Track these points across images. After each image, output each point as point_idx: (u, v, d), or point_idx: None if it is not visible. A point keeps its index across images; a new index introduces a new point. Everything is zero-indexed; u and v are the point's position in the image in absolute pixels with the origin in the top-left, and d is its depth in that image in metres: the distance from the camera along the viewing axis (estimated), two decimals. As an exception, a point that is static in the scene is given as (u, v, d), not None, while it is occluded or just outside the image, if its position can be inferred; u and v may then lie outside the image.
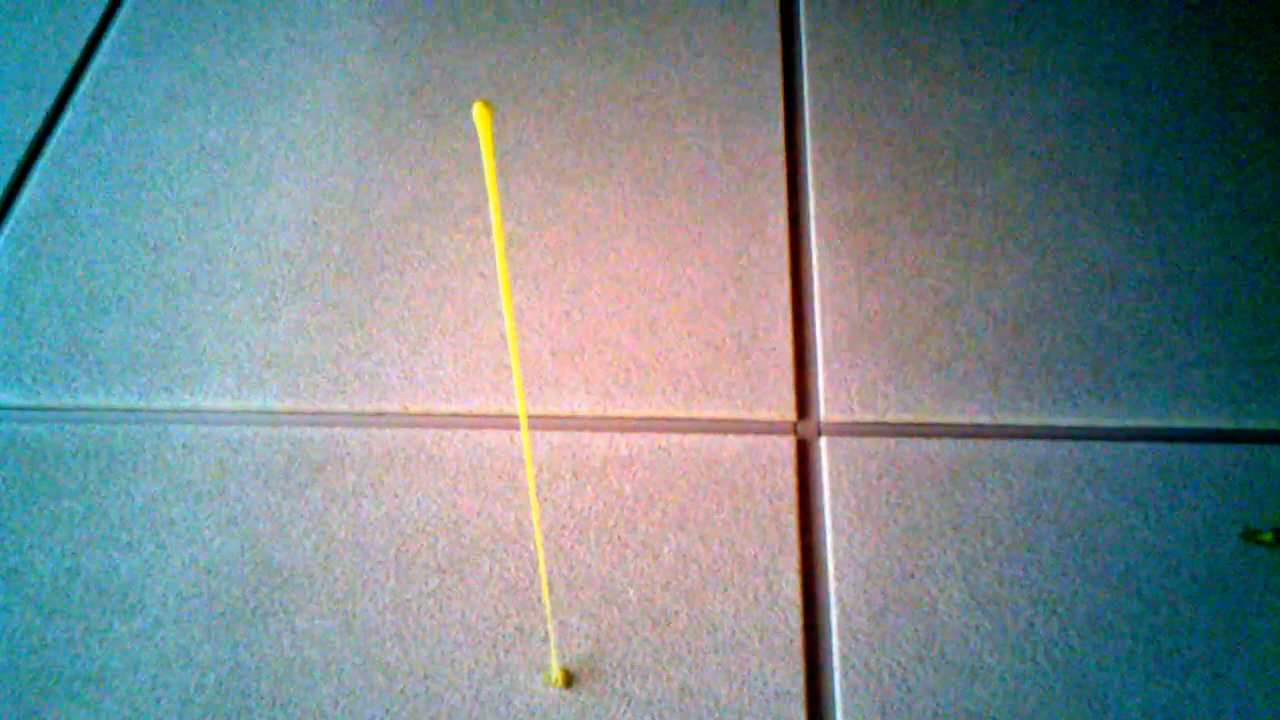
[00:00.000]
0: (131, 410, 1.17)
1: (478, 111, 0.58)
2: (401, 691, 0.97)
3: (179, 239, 1.31)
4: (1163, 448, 1.11)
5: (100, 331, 1.23)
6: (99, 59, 1.53)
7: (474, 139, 1.31)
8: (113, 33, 1.56)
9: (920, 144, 1.37)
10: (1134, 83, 1.43)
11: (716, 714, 0.95)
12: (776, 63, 1.46)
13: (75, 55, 1.55)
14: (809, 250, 1.28)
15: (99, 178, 1.38)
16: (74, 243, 1.31)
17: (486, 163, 0.59)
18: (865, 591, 1.02)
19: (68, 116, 1.46)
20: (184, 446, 1.14)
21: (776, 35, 1.49)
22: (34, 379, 1.20)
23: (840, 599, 1.02)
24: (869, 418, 1.15)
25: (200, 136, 1.42)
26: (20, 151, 1.42)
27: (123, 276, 1.28)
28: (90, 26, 1.58)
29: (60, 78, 1.52)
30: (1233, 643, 0.99)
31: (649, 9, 1.54)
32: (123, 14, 1.58)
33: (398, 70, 1.49)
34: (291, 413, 1.17)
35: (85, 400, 1.18)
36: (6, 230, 1.33)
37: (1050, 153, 1.36)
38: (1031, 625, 1.00)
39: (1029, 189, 1.33)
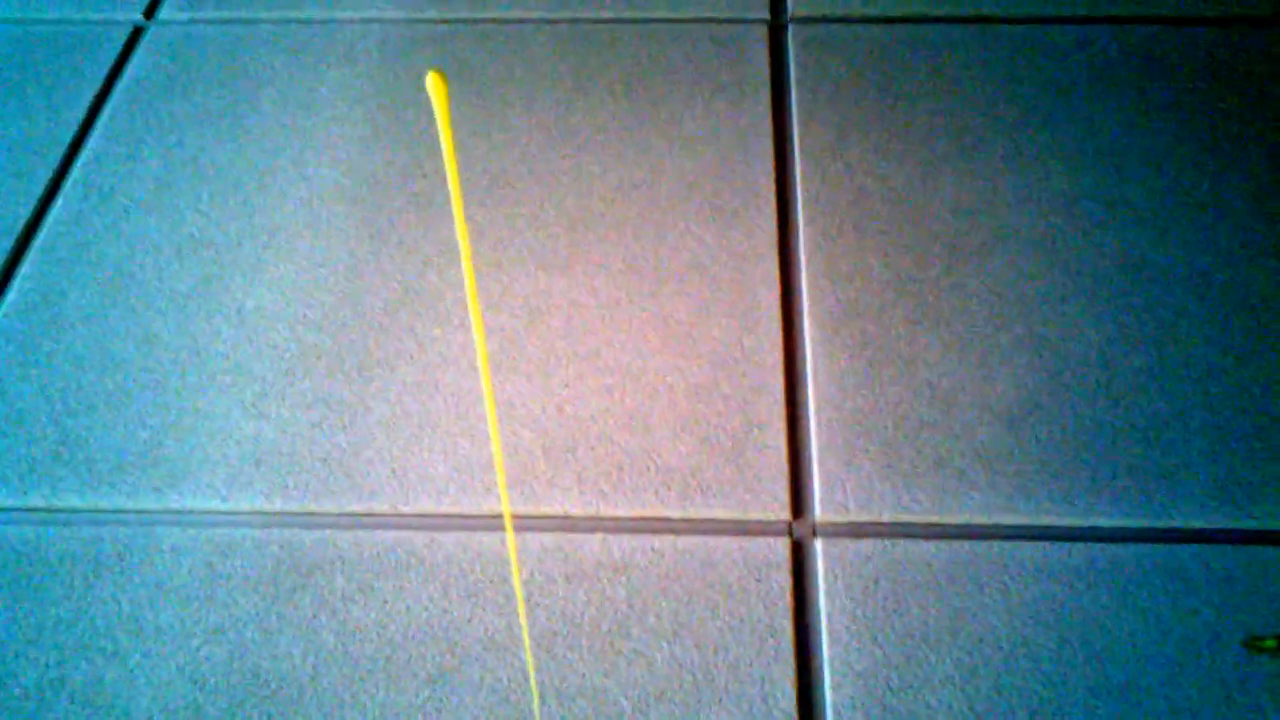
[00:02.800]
0: (119, 512, 1.16)
1: (432, 82, 0.54)
2: (390, 811, 0.95)
3: (168, 332, 1.30)
4: (1162, 549, 1.10)
5: (89, 429, 1.22)
6: (90, 145, 1.53)
7: (470, 232, 1.30)
8: (104, 118, 1.56)
9: (914, 232, 1.37)
10: (1129, 167, 1.42)
11: (712, 835, 0.93)
12: (769, 150, 1.46)
13: (67, 141, 1.55)
14: (803, 343, 1.27)
15: (89, 268, 1.37)
16: (62, 336, 1.30)
17: (444, 138, 0.56)
18: (863, 704, 1.01)
19: (58, 205, 1.45)
20: (172, 549, 1.13)
21: (768, 122, 1.49)
22: (20, 479, 1.19)
23: (837, 712, 1.00)
24: (864, 518, 1.13)
25: (191, 225, 1.42)
26: (9, 241, 1.41)
27: (111, 372, 1.27)
28: (81, 113, 1.58)
29: (52, 164, 1.51)
30: (1236, 756, 0.97)
31: (641, 95, 1.54)
32: (113, 99, 1.58)
33: (388, 158, 1.49)
34: (281, 514, 1.15)
35: (73, 501, 1.17)
36: (-5, 323, 1.32)
37: (1045, 239, 1.36)
38: (1031, 739, 0.98)
39: (1024, 277, 1.32)
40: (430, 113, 1.51)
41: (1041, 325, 1.27)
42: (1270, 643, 1.02)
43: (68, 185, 1.48)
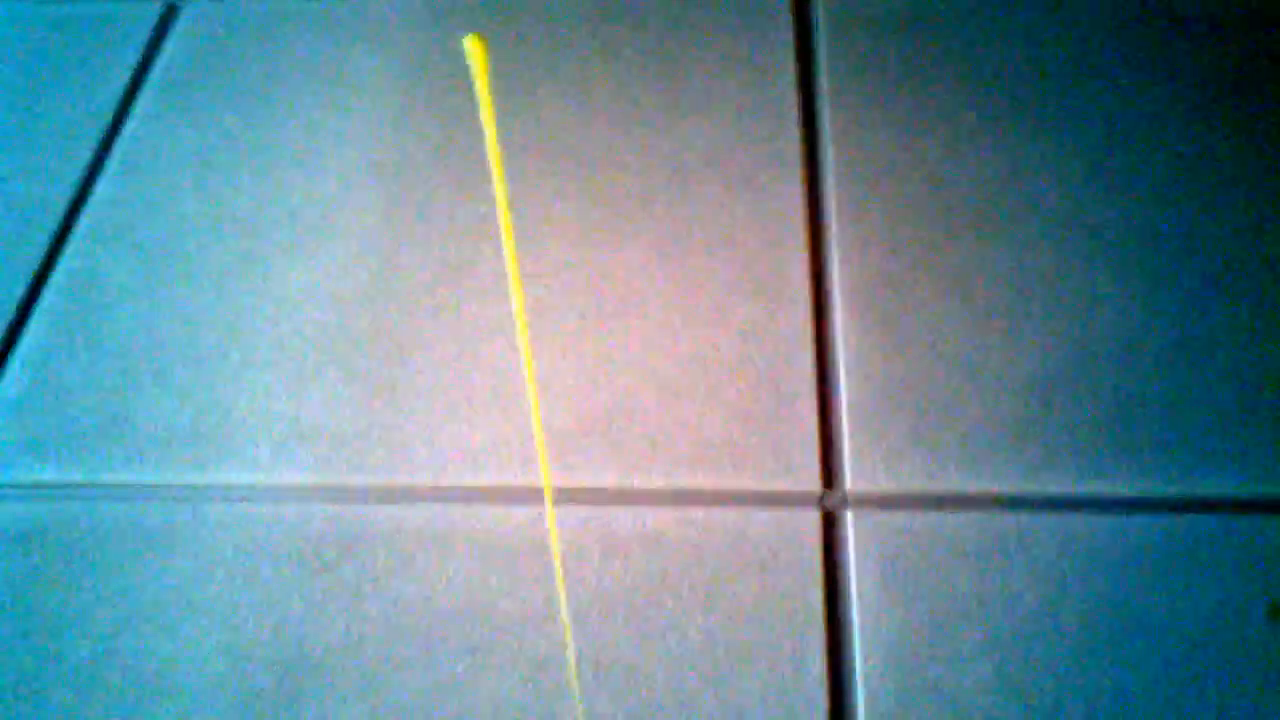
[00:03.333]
0: (166, 487, 1.19)
1: (470, 45, 0.54)
2: (433, 779, 0.98)
3: (211, 311, 1.33)
4: (1188, 518, 1.12)
5: (135, 406, 1.25)
6: (128, 126, 1.56)
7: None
8: (141, 99, 1.58)
9: (942, 204, 1.38)
10: (1158, 136, 1.43)
11: (745, 801, 0.96)
12: (796, 122, 1.47)
13: (106, 122, 1.57)
14: (832, 315, 1.28)
15: (131, 248, 1.40)
16: (108, 315, 1.33)
17: (483, 104, 0.56)
18: (892, 674, 1.03)
19: (99, 186, 1.48)
20: (218, 524, 1.16)
21: (795, 92, 1.50)
22: (70, 455, 1.22)
23: (868, 682, 1.03)
24: (894, 489, 1.16)
25: (230, 204, 1.44)
26: (55, 222, 1.44)
27: (156, 350, 1.30)
28: (119, 93, 1.60)
29: (92, 145, 1.54)
30: (1260, 723, 0.99)
31: (667, 67, 1.55)
32: (150, 80, 1.61)
33: (421, 135, 1.51)
34: (324, 488, 1.18)
35: (121, 477, 1.20)
36: (44, 303, 1.35)
37: (1071, 211, 1.37)
38: (1057, 709, 1.00)
39: (1050, 249, 1.33)
40: (461, 86, 1.53)
41: (1068, 297, 1.28)
42: (1295, 611, 1.04)
43: (109, 166, 1.51)
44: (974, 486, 1.15)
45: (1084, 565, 1.09)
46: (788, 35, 1.57)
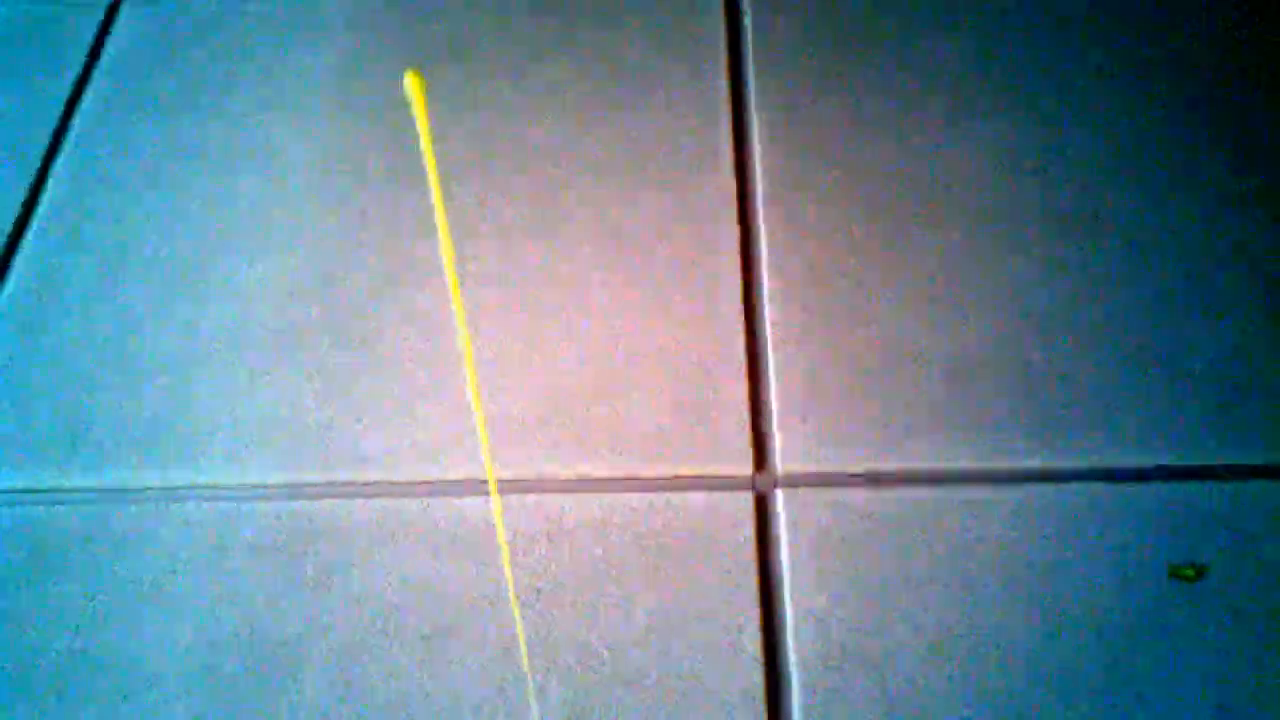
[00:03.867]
0: (128, 490, 1.25)
1: (409, 83, 0.59)
2: (397, 759, 1.06)
3: (165, 312, 1.38)
4: (1094, 488, 1.20)
5: (94, 410, 1.31)
6: (75, 126, 1.60)
7: (446, 204, 1.38)
8: (87, 99, 1.62)
9: (865, 194, 1.45)
10: (1069, 122, 1.51)
11: (687, 769, 1.05)
12: (727, 116, 1.53)
13: (53, 123, 1.61)
14: (762, 303, 1.36)
15: (84, 251, 1.45)
16: (64, 319, 1.38)
17: (423, 135, 0.61)
18: (822, 645, 1.11)
19: (49, 188, 1.52)
20: (181, 523, 1.22)
21: (726, 84, 1.56)
22: (32, 461, 1.27)
23: (800, 654, 1.11)
24: (822, 469, 1.24)
25: (180, 205, 1.49)
26: (8, 224, 1.48)
27: (113, 352, 1.35)
28: (65, 94, 1.64)
29: (41, 147, 1.58)
30: (1156, 674, 1.08)
31: (604, 60, 1.61)
32: (95, 80, 1.64)
33: (366, 133, 1.56)
34: (281, 486, 1.25)
35: (83, 481, 1.26)
36: (1, 307, 1.40)
37: (989, 193, 1.44)
38: (975, 669, 1.09)
39: (967, 233, 1.41)
40: (401, 85, 1.59)
41: (984, 280, 1.36)
42: (1188, 571, 1.13)
43: (57, 167, 1.55)
44: (895, 464, 1.23)
45: (997, 534, 1.17)
46: (718, 33, 1.63)
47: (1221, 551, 1.15)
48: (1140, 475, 1.20)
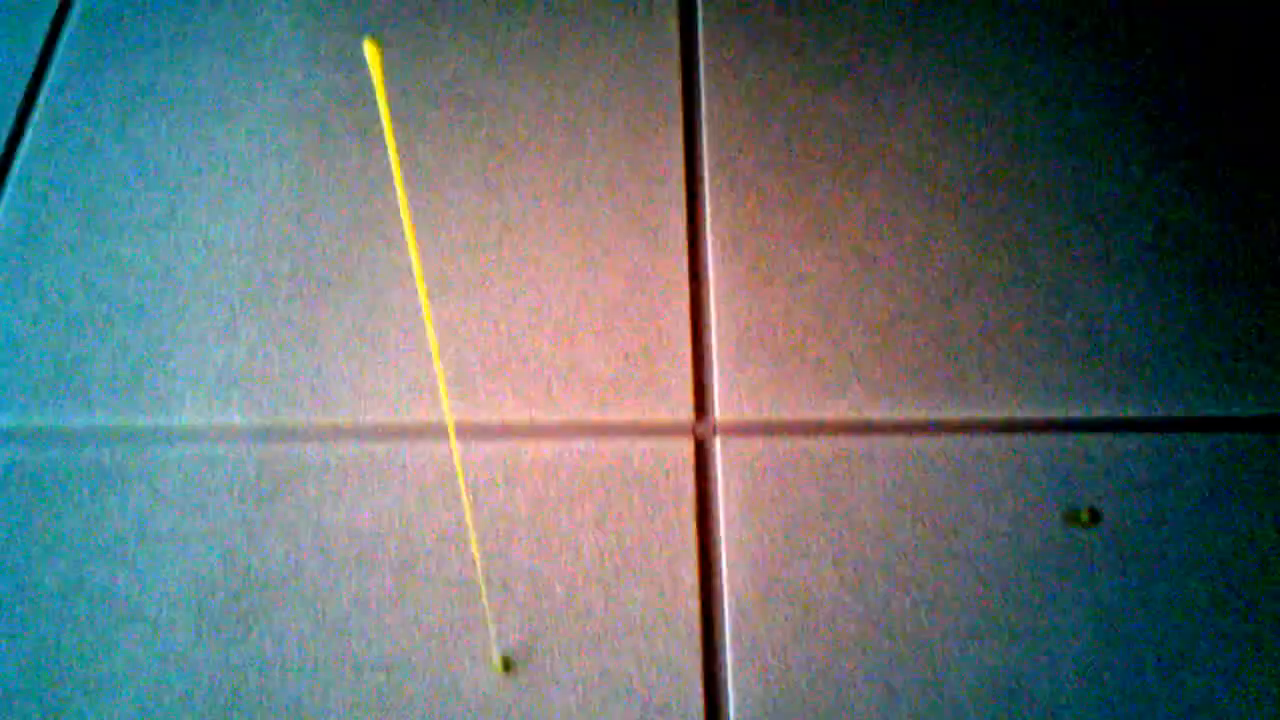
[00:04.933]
0: (115, 430, 1.35)
1: (368, 49, 0.65)
2: (366, 682, 1.18)
3: (143, 261, 1.47)
4: (1002, 438, 1.33)
5: (79, 355, 1.40)
6: (50, 78, 1.66)
7: (404, 157, 1.48)
8: (60, 50, 1.69)
9: (805, 151, 1.55)
10: (991, 85, 1.61)
11: (628, 692, 1.17)
12: (676, 70, 1.63)
13: (28, 74, 1.67)
14: (706, 258, 1.46)
15: (63, 201, 1.53)
16: (47, 267, 1.47)
17: (380, 100, 0.67)
18: (753, 579, 1.24)
19: (27, 139, 1.60)
20: (163, 464, 1.33)
21: (676, 41, 1.65)
22: (25, 403, 1.37)
23: (732, 585, 1.23)
24: (757, 417, 1.35)
25: (154, 156, 1.57)
26: (-12, 176, 1.56)
27: (96, 299, 1.44)
28: (38, 45, 1.70)
29: (16, 99, 1.65)
30: (1052, 611, 1.21)
31: (559, 15, 1.69)
32: (68, 30, 1.71)
33: (331, 83, 1.64)
34: (256, 428, 1.35)
35: (73, 422, 1.36)
36: (-16, 257, 1.48)
37: (916, 156, 1.55)
38: (888, 603, 1.22)
39: (896, 193, 1.51)
40: (362, 36, 1.66)
41: (911, 238, 1.47)
42: (1083, 516, 1.26)
43: (34, 119, 1.62)
44: (826, 413, 1.35)
45: (915, 479, 1.30)
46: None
47: (1114, 498, 1.28)
48: (1044, 426, 1.32)
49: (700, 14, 1.68)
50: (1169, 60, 1.63)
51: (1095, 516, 1.25)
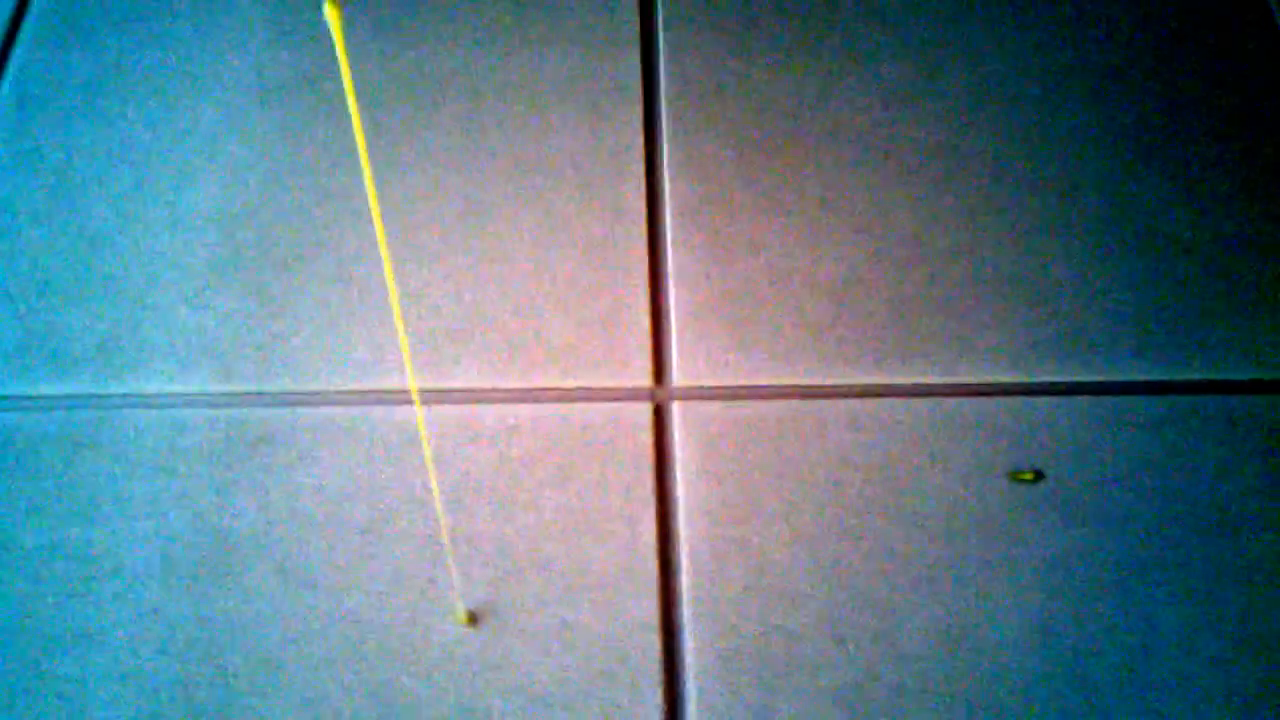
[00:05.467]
0: (88, 396, 1.39)
1: (328, 12, 0.70)
2: (336, 635, 1.22)
3: (113, 234, 1.51)
4: (949, 401, 1.38)
5: (51, 324, 1.43)
6: (18, 53, 1.69)
7: (370, 133, 1.52)
8: (27, 25, 1.71)
9: (762, 126, 1.60)
10: (943, 61, 1.66)
11: (589, 642, 1.22)
12: (636, 50, 1.67)
13: (-3, 49, 1.70)
14: (664, 231, 1.51)
15: (33, 175, 1.56)
16: (18, 239, 1.50)
17: (342, 63, 0.71)
18: (709, 536, 1.29)
19: (-3, 113, 1.62)
20: (135, 429, 1.36)
21: (636, 22, 1.69)
22: (0, 370, 1.40)
23: (689, 542, 1.28)
24: (714, 382, 1.40)
25: (121, 131, 1.60)
26: (-42, 151, 1.58)
27: (66, 270, 1.48)
28: (5, 20, 1.73)
29: (-15, 73, 1.67)
30: (996, 566, 1.27)
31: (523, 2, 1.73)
32: (36, 6, 1.73)
33: (296, 60, 1.67)
34: (226, 395, 1.39)
35: (45, 390, 1.39)
36: (-44, 229, 1.51)
37: (870, 130, 1.60)
38: (839, 558, 1.27)
39: (850, 165, 1.56)
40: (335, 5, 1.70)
41: (864, 210, 1.52)
42: (1027, 475, 1.32)
43: (2, 93, 1.65)
44: (780, 378, 1.40)
45: (866, 441, 1.35)
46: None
47: (1057, 459, 1.33)
48: (990, 390, 1.38)
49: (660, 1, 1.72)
50: (1115, 34, 1.69)
51: (1038, 476, 1.31)
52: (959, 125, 1.58)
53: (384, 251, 0.81)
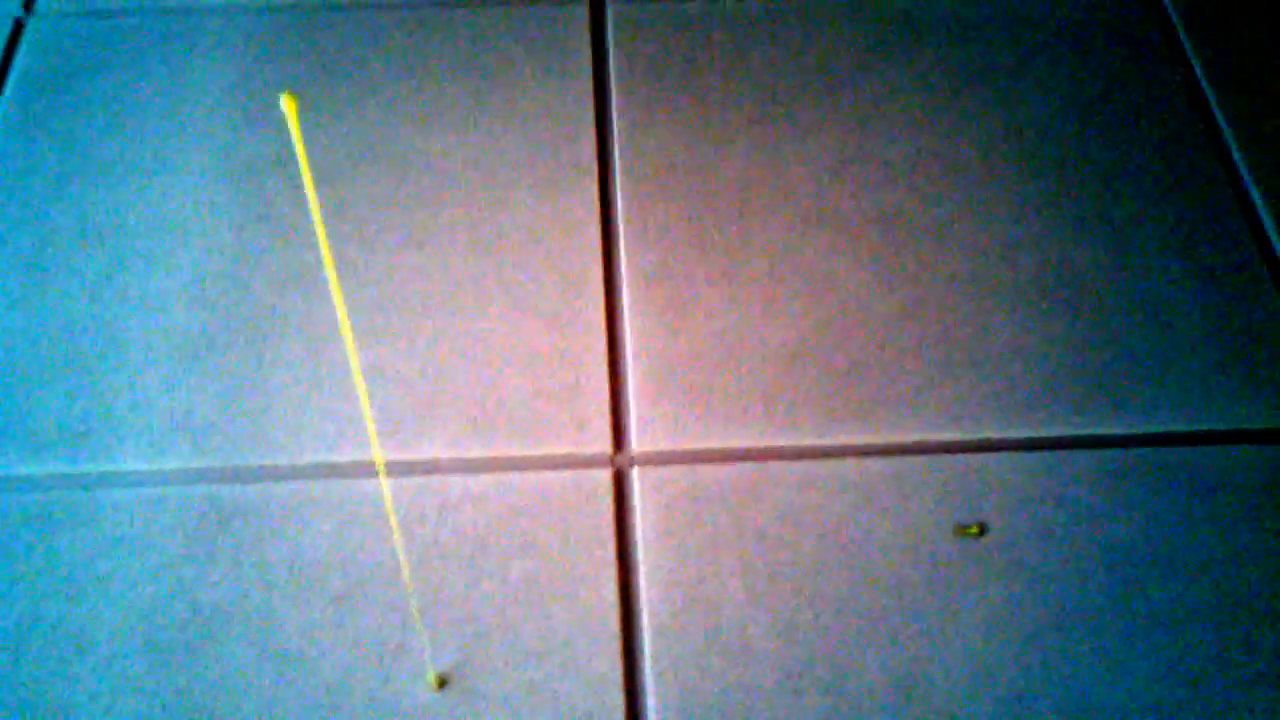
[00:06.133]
0: (65, 476, 1.43)
1: (285, 104, 0.75)
2: (310, 703, 1.26)
3: (86, 317, 1.55)
4: (897, 460, 1.44)
5: (27, 406, 1.48)
6: (-9, 141, 1.74)
7: (334, 212, 1.58)
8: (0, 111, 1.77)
9: (713, 197, 1.67)
10: (886, 131, 1.74)
11: (556, 702, 1.27)
12: (591, 124, 1.74)
13: (-31, 138, 1.75)
14: (621, 301, 1.57)
15: (7, 259, 1.61)
16: (-6, 324, 1.55)
17: (299, 152, 0.76)
18: (669, 596, 1.34)
19: (-30, 201, 1.67)
20: (112, 507, 1.41)
21: (591, 98, 1.77)
22: (-25, 453, 1.44)
23: (649, 603, 1.33)
24: (671, 447, 1.46)
25: (91, 217, 1.66)
26: (-67, 238, 1.63)
27: (42, 353, 1.52)
28: (-21, 109, 1.78)
29: (-41, 162, 1.72)
30: (944, 617, 1.32)
31: (477, 75, 1.80)
32: (6, 94, 1.79)
33: (260, 143, 1.73)
34: (199, 470, 1.43)
35: (21, 470, 1.43)
36: (-68, 316, 1.56)
37: (817, 198, 1.67)
38: (794, 616, 1.33)
39: (798, 234, 1.63)
40: (296, 94, 1.76)
41: (813, 277, 1.59)
42: (973, 529, 1.38)
43: (-24, 181, 1.70)
44: (735, 441, 1.46)
45: (817, 501, 1.41)
46: (584, 45, 1.83)
47: (1000, 512, 1.39)
48: (935, 448, 1.44)
49: (612, 72, 1.80)
50: (1049, 102, 1.77)
51: (983, 529, 1.37)
52: (900, 192, 1.66)
53: (345, 328, 0.87)
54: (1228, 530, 1.38)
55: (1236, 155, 1.71)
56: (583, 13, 1.88)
